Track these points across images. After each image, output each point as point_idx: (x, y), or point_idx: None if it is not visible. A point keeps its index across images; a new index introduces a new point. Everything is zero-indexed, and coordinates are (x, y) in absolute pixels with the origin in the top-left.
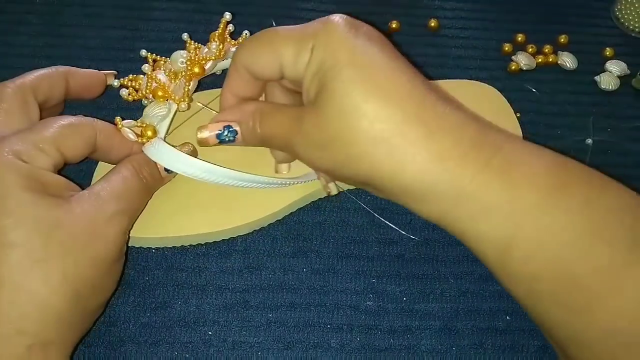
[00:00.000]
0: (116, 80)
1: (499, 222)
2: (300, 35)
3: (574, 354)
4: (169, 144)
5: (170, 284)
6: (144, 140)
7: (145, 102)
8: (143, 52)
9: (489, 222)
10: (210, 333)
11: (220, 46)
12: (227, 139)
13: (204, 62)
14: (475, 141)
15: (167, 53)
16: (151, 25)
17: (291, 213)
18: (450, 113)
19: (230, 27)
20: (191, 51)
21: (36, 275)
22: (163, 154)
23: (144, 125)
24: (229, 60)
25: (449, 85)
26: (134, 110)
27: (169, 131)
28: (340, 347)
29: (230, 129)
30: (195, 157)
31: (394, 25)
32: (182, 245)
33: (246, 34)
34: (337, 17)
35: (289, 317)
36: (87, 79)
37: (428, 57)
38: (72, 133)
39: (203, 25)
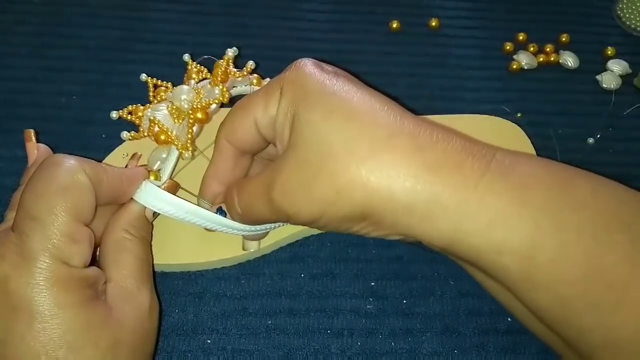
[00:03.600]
0: (115, 112)
1: (516, 226)
2: (268, 84)
3: None
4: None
5: (166, 292)
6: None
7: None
8: (143, 77)
9: (506, 228)
10: (209, 341)
11: (224, 89)
12: None
13: (207, 107)
14: (468, 150)
15: (166, 54)
16: (150, 27)
17: None
18: (433, 127)
19: (231, 52)
20: (193, 75)
21: None
22: (160, 199)
23: (149, 170)
24: (239, 88)
25: (464, 121)
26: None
27: (174, 174)
28: (341, 352)
29: (221, 211)
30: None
31: (394, 25)
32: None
33: (251, 65)
34: (303, 59)
35: (289, 323)
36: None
37: (429, 57)
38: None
39: (202, 27)
